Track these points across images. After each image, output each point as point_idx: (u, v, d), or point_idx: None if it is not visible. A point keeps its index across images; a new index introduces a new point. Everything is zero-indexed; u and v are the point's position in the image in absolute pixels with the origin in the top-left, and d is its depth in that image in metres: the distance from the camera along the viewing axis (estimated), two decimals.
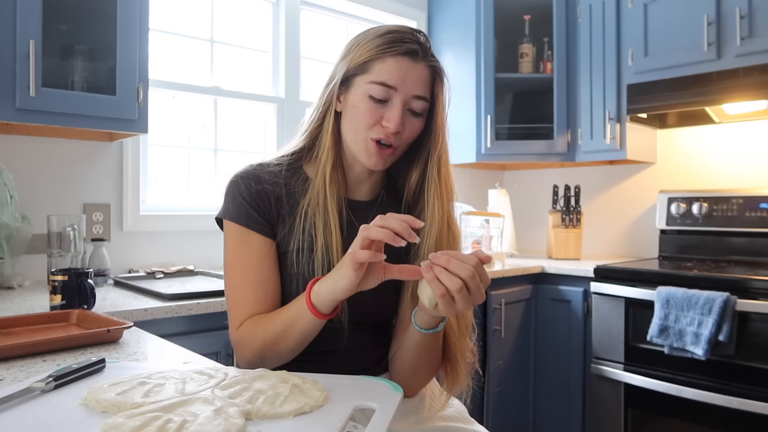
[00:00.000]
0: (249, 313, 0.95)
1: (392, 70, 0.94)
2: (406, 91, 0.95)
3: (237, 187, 1.00)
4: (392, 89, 0.94)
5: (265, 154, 2.31)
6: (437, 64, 0.99)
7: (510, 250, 2.72)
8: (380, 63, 0.95)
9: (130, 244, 2.02)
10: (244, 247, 0.98)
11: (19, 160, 1.80)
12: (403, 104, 0.95)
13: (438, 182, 1.01)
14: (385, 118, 0.95)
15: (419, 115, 0.98)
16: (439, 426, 1.01)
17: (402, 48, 0.95)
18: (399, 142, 0.97)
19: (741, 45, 2.12)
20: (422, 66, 0.96)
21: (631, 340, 2.11)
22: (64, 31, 1.73)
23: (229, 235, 1.00)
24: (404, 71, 0.95)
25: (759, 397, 1.79)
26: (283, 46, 2.49)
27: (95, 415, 0.61)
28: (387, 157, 0.98)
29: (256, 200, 0.99)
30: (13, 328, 1.05)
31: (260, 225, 0.98)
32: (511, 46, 2.89)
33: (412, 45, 0.95)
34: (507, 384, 2.34)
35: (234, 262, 0.98)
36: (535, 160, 2.74)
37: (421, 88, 0.96)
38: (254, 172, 1.01)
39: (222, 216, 1.01)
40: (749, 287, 1.86)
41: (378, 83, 0.94)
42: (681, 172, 2.70)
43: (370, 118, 0.95)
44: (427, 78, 0.97)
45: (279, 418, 0.61)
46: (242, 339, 0.94)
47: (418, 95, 0.96)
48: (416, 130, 0.99)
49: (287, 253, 0.98)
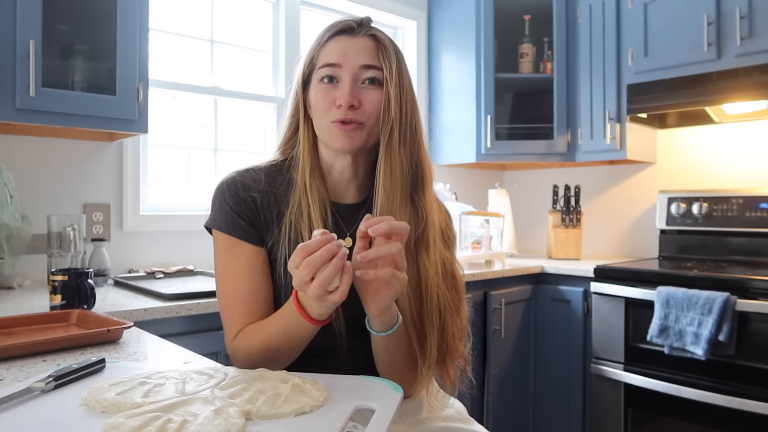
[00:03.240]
0: (243, 324, 0.95)
1: (332, 49, 0.96)
2: (351, 63, 0.94)
3: (223, 195, 0.99)
4: (337, 66, 0.95)
5: (265, 154, 2.30)
6: (378, 32, 0.98)
7: (510, 250, 2.72)
8: (322, 50, 0.97)
9: (130, 244, 2.02)
10: (234, 258, 0.97)
11: (19, 160, 1.80)
12: (352, 78, 0.94)
13: (388, 158, 0.95)
14: (337, 97, 0.94)
15: (377, 84, 0.95)
16: (439, 426, 1.01)
17: (337, 28, 0.97)
18: (362, 117, 0.94)
19: (741, 45, 2.12)
20: (362, 38, 0.96)
21: (631, 340, 2.11)
22: (64, 31, 1.73)
23: (219, 244, 0.99)
24: (344, 47, 0.95)
25: (759, 397, 1.79)
26: (283, 46, 2.49)
27: (95, 415, 0.61)
28: (352, 133, 0.94)
29: (243, 208, 0.97)
30: (13, 328, 1.05)
31: (248, 234, 0.97)
32: (511, 46, 2.89)
33: (347, 23, 0.97)
34: (507, 384, 2.34)
35: (225, 272, 0.97)
36: (535, 160, 2.74)
37: (366, 57, 0.95)
38: (240, 179, 1.00)
39: (209, 225, 1.00)
40: (749, 287, 1.86)
41: (323, 66, 0.96)
42: (681, 172, 2.70)
43: (324, 102, 0.95)
44: (372, 47, 0.96)
45: (279, 418, 0.61)
46: (237, 350, 0.94)
47: (365, 64, 0.94)
48: (376, 101, 0.95)
49: (276, 262, 0.97)
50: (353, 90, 0.93)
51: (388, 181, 0.94)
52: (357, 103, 0.94)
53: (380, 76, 0.95)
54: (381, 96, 0.95)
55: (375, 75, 0.95)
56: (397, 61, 0.97)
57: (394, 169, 0.95)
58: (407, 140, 0.96)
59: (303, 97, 1.01)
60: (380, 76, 0.95)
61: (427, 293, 0.94)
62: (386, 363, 0.94)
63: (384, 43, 0.96)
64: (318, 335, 0.89)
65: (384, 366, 0.95)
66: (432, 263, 0.96)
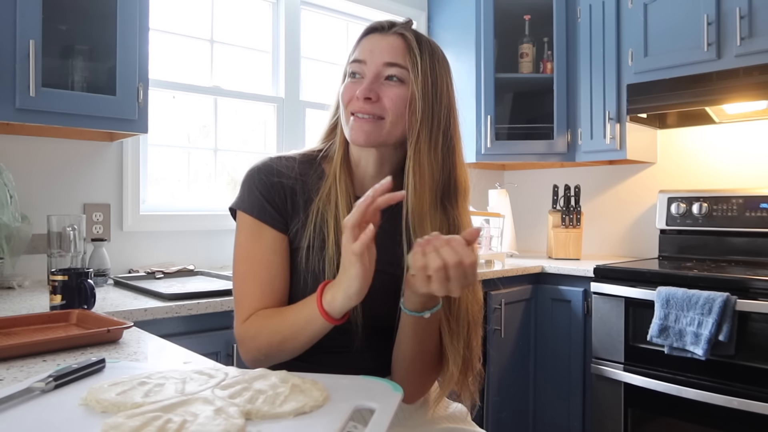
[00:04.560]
0: (255, 308, 0.95)
1: (362, 47, 0.98)
2: (375, 61, 0.96)
3: (253, 178, 0.99)
4: (362, 63, 0.96)
5: (265, 154, 2.31)
6: (408, 32, 0.98)
7: (510, 250, 2.72)
8: (356, 48, 1.00)
9: (130, 244, 2.02)
10: (256, 241, 0.97)
11: (19, 160, 1.80)
12: (374, 74, 0.95)
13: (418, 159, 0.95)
14: (358, 91, 0.95)
15: (400, 82, 0.96)
16: (440, 428, 1.01)
17: (370, 27, 1.00)
18: (380, 111, 0.95)
19: (741, 45, 2.12)
20: (391, 36, 0.97)
21: (631, 340, 2.11)
22: (64, 31, 1.73)
23: (242, 226, 0.99)
24: (372, 44, 0.97)
25: (759, 397, 1.79)
26: (283, 46, 2.49)
27: (95, 415, 0.61)
28: (368, 127, 0.94)
29: (271, 193, 0.98)
30: (13, 328, 1.05)
31: (273, 219, 0.97)
32: (511, 46, 2.89)
33: (380, 22, 0.99)
34: (507, 384, 2.34)
35: (244, 254, 0.98)
36: (535, 160, 2.74)
37: (392, 54, 0.96)
38: (273, 165, 1.01)
39: (236, 206, 1.00)
40: (749, 287, 1.86)
41: (352, 62, 0.98)
42: (681, 172, 2.70)
43: (346, 95, 0.97)
44: (399, 46, 0.96)
45: (279, 418, 0.61)
46: (246, 334, 0.94)
47: (389, 62, 0.95)
48: (396, 96, 0.95)
49: (299, 249, 0.98)
50: (372, 84, 0.95)
51: (417, 181, 0.95)
52: (374, 97, 0.94)
53: (403, 74, 0.96)
54: (403, 92, 0.95)
55: (397, 73, 0.96)
56: (430, 63, 0.97)
57: (423, 170, 0.95)
58: (439, 144, 0.97)
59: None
60: (403, 75, 0.96)
61: (455, 303, 0.93)
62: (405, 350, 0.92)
63: (411, 43, 0.97)
64: (333, 332, 0.89)
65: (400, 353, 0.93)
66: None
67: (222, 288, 1.58)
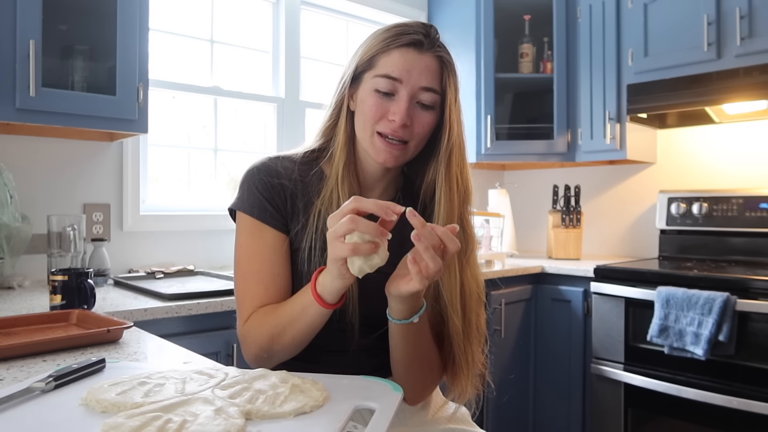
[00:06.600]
0: (257, 307, 0.94)
1: (397, 62, 0.93)
2: (412, 83, 0.92)
3: (253, 179, 0.99)
4: (397, 81, 0.92)
5: (264, 153, 2.31)
6: (445, 54, 0.96)
7: (510, 250, 2.72)
8: (385, 56, 0.94)
9: (130, 244, 2.02)
10: (256, 241, 0.97)
11: (19, 160, 1.80)
12: (410, 97, 0.93)
13: (448, 179, 0.95)
14: (391, 112, 0.92)
15: (430, 108, 0.95)
16: (441, 428, 1.01)
17: (406, 39, 0.93)
18: (409, 136, 0.94)
19: (741, 45, 2.12)
20: (429, 57, 0.94)
21: (631, 340, 2.11)
22: (64, 31, 1.73)
23: (242, 227, 0.99)
24: (409, 62, 0.93)
25: (759, 397, 1.79)
26: (283, 46, 2.49)
27: (95, 415, 0.61)
28: (397, 153, 0.94)
29: (271, 194, 0.97)
30: (13, 328, 1.05)
31: (274, 219, 0.97)
32: (511, 46, 2.89)
33: (417, 36, 0.94)
34: (507, 384, 2.34)
35: (245, 255, 0.97)
36: (535, 160, 2.74)
37: (429, 79, 0.93)
38: (272, 165, 1.00)
39: (235, 207, 1.00)
40: (749, 287, 1.86)
41: (383, 76, 0.93)
42: (681, 172, 2.70)
43: (376, 112, 0.93)
44: (435, 69, 0.94)
45: (279, 418, 0.61)
46: (249, 333, 0.93)
47: (426, 87, 0.93)
48: (426, 123, 0.95)
49: (299, 251, 0.97)
50: (409, 109, 0.93)
51: (448, 203, 0.95)
52: (409, 122, 0.93)
53: (436, 100, 0.95)
54: (432, 119, 0.96)
55: (432, 99, 0.94)
56: (454, 83, 0.97)
57: (452, 192, 0.96)
58: (462, 161, 0.98)
59: (350, 91, 0.99)
60: (435, 101, 0.95)
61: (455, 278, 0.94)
62: (400, 357, 0.92)
63: (450, 68, 0.96)
64: (332, 331, 0.89)
65: (396, 359, 0.93)
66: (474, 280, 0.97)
67: (222, 288, 1.58)
